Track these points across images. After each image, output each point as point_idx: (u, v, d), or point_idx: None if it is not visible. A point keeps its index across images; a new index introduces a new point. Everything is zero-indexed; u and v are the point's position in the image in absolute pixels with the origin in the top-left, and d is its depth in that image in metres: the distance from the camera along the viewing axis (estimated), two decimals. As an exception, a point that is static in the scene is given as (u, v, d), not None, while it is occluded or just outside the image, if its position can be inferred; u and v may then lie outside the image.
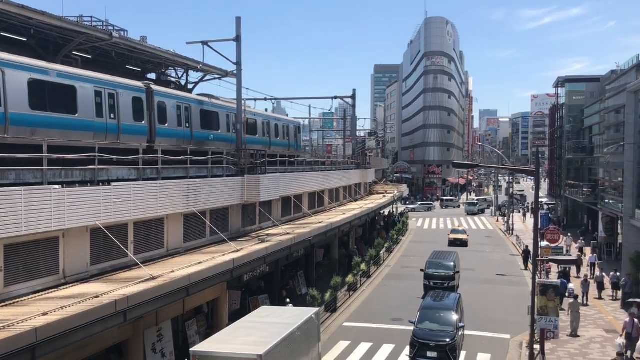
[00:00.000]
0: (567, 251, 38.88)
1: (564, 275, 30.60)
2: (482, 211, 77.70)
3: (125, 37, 20.55)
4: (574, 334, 22.72)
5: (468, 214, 74.50)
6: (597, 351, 20.87)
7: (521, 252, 41.16)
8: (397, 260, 40.76)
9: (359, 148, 63.03)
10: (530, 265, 36.74)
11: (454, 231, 49.03)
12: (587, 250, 38.86)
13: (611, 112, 39.55)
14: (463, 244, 45.89)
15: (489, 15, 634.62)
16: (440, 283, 28.44)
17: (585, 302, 26.99)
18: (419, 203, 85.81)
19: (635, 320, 19.82)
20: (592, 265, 33.45)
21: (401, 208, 69.97)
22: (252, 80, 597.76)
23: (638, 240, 28.67)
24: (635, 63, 35.13)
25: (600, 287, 28.73)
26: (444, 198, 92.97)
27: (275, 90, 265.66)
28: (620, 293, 27.81)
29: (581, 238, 42.00)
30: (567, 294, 26.64)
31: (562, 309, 20.77)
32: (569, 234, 42.91)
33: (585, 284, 27.77)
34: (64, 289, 13.87)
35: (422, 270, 29.80)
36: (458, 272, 30.36)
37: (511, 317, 25.20)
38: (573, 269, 33.23)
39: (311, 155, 48.32)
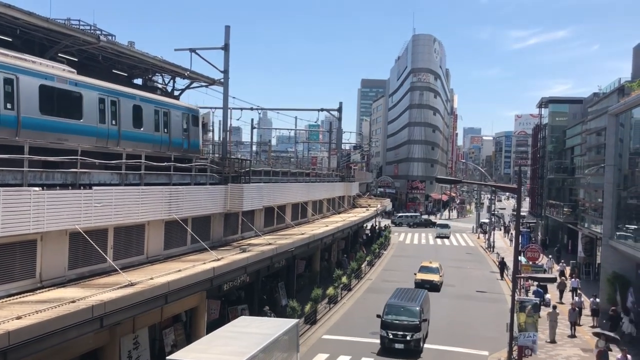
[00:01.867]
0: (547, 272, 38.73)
1: (541, 286, 30.76)
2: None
3: (112, 41, 20.41)
4: (552, 341, 24.19)
5: (439, 237, 65.57)
6: (574, 370, 21.06)
7: (497, 263, 41.31)
8: (379, 274, 40.75)
9: (343, 161, 63.24)
10: (507, 279, 37.03)
11: (423, 269, 36.52)
12: (567, 270, 39.11)
13: (593, 134, 40.23)
14: (434, 287, 34.01)
15: (475, 34, 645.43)
16: (401, 335, 22.22)
17: (573, 332, 25.86)
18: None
19: (628, 356, 19.25)
20: (575, 290, 32.45)
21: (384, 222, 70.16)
22: (239, 90, 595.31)
23: (616, 261, 28.99)
24: (617, 86, 35.78)
25: (579, 312, 28.26)
26: (401, 214, 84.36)
27: (261, 101, 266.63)
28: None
29: (562, 261, 42.01)
30: (542, 304, 26.77)
31: (539, 317, 21.02)
32: (550, 256, 43.20)
33: (572, 313, 26.32)
34: (39, 293, 13.64)
35: (378, 316, 23.36)
36: (426, 320, 23.77)
37: (490, 333, 25.27)
38: (555, 292, 33.04)
39: (296, 166, 48.30)
